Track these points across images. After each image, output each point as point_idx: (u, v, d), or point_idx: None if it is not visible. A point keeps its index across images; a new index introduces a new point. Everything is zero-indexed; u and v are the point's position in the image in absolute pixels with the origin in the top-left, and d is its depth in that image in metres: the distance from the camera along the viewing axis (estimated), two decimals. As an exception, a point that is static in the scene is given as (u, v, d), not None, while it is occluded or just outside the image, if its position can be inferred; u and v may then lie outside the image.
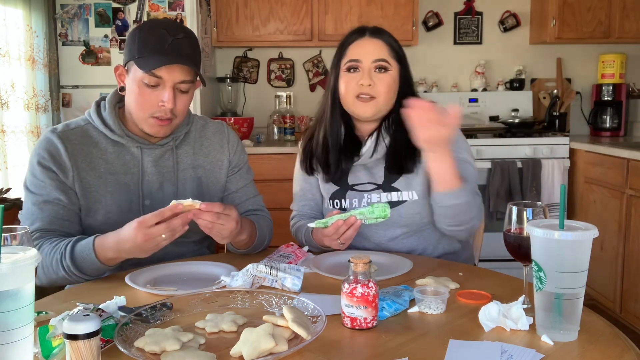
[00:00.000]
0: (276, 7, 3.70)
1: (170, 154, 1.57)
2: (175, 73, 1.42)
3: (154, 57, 1.40)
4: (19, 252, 0.87)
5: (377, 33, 1.64)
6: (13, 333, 0.83)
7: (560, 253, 0.97)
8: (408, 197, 1.62)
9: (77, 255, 1.34)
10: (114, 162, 1.52)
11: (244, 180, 1.69)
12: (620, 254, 3.05)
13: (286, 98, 4.04)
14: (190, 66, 1.44)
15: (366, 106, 1.60)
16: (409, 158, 1.63)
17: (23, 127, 3.10)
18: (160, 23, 1.47)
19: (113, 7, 3.34)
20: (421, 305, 1.14)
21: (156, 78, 1.42)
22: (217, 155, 1.64)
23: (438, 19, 4.03)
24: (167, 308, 1.12)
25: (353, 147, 1.68)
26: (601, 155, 3.23)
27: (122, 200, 1.51)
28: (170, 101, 1.43)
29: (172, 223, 1.25)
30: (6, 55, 2.95)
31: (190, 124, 1.62)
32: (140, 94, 1.44)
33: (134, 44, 1.43)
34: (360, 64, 1.60)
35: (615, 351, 0.97)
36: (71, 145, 1.49)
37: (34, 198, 1.45)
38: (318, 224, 1.43)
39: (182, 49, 1.43)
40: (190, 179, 1.59)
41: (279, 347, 0.93)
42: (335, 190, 1.70)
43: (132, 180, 1.52)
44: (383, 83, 1.60)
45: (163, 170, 1.56)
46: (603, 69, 3.89)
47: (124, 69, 1.49)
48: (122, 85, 1.50)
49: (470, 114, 3.97)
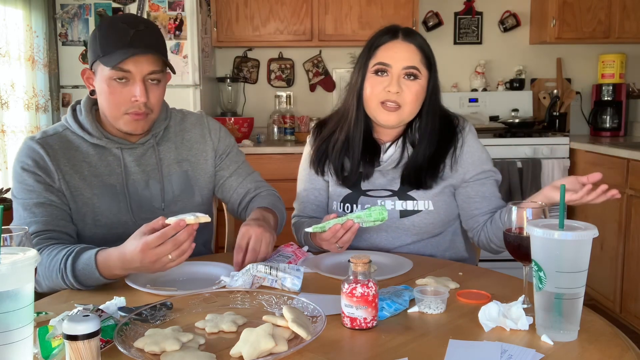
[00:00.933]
0: (276, 7, 3.70)
1: (152, 151, 1.55)
2: (143, 65, 1.41)
3: (118, 52, 1.38)
4: (19, 253, 0.87)
5: (409, 36, 1.56)
6: (13, 333, 0.83)
7: (560, 253, 0.97)
8: (424, 206, 1.59)
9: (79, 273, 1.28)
10: (97, 165, 1.50)
11: (235, 164, 1.68)
12: (620, 254, 3.05)
13: (286, 98, 4.04)
14: (156, 54, 1.42)
15: (390, 115, 1.54)
16: (430, 173, 1.59)
17: (23, 127, 3.09)
18: (119, 18, 1.46)
19: (113, 7, 3.34)
20: (421, 305, 1.14)
21: (124, 72, 1.40)
22: (200, 146, 1.63)
23: (438, 19, 4.03)
24: (167, 308, 1.12)
25: (371, 151, 1.62)
26: (601, 155, 3.23)
27: (110, 202, 1.49)
28: (142, 95, 1.41)
29: (178, 239, 1.18)
30: (6, 55, 2.95)
31: (168, 119, 1.60)
32: (111, 93, 1.42)
33: (96, 44, 1.42)
34: (389, 68, 1.53)
35: (615, 351, 0.97)
36: (52, 150, 1.47)
37: (24, 203, 1.42)
38: (315, 229, 1.41)
39: (145, 39, 1.41)
40: (176, 174, 1.58)
41: (279, 347, 0.93)
42: (348, 194, 1.65)
43: (117, 180, 1.51)
44: (411, 92, 1.53)
45: (147, 168, 1.54)
46: (603, 69, 3.89)
47: (91, 71, 1.47)
48: (92, 89, 1.49)
49: (470, 114, 3.97)
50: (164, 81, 1.50)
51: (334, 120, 1.69)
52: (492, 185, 1.64)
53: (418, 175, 1.59)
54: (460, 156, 1.61)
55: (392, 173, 1.63)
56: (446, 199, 1.62)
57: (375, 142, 1.64)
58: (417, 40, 1.57)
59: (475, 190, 1.61)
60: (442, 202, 1.60)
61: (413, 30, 1.61)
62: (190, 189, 1.59)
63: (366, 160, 1.62)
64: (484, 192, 1.61)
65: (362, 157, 1.62)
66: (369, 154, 1.62)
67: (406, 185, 1.61)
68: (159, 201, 1.55)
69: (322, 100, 4.11)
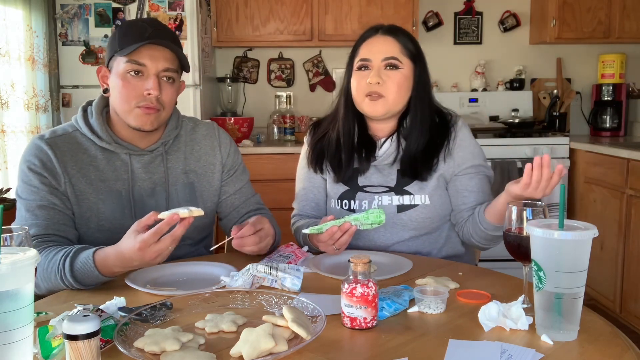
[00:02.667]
0: (276, 7, 3.70)
1: (161, 159, 1.55)
2: (159, 60, 1.43)
3: (135, 45, 1.41)
4: (19, 253, 0.87)
5: (390, 31, 1.61)
6: (13, 333, 0.83)
7: (560, 253, 0.97)
8: (420, 201, 1.61)
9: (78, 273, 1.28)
10: (105, 169, 1.50)
11: (240, 182, 1.68)
12: (620, 254, 3.05)
13: (286, 98, 4.04)
14: (172, 49, 1.44)
15: (375, 105, 1.58)
16: (425, 165, 1.61)
17: (23, 127, 3.10)
18: (140, 19, 1.48)
19: (113, 7, 3.34)
20: (421, 305, 1.14)
21: (139, 65, 1.42)
22: (209, 159, 1.63)
23: (438, 19, 4.03)
24: (167, 308, 1.12)
25: (367, 147, 1.66)
26: (601, 155, 3.23)
27: (115, 207, 1.49)
28: (155, 88, 1.42)
29: (176, 234, 1.20)
30: (6, 55, 2.95)
31: (179, 128, 1.60)
32: (125, 86, 1.43)
33: (114, 41, 1.45)
34: (370, 62, 1.58)
35: (615, 351, 0.97)
36: (60, 152, 1.46)
37: (27, 204, 1.43)
38: (312, 230, 1.41)
39: (163, 36, 1.44)
40: (182, 185, 1.57)
41: (279, 347, 0.93)
42: (345, 191, 1.67)
43: (123, 186, 1.50)
44: (392, 81, 1.57)
45: (154, 176, 1.54)
46: (603, 69, 3.89)
47: (107, 69, 1.49)
48: (105, 87, 1.50)
49: (470, 114, 3.97)
50: (178, 83, 1.51)
51: (328, 120, 1.74)
52: (481, 180, 1.64)
53: (413, 166, 1.62)
54: (453, 148, 1.63)
55: (388, 169, 1.65)
56: (442, 192, 1.64)
57: (370, 139, 1.67)
58: (397, 34, 1.61)
59: (464, 184, 1.63)
60: (438, 195, 1.62)
61: (396, 26, 1.64)
62: (195, 200, 1.58)
63: (362, 156, 1.66)
64: (472, 186, 1.63)
65: (358, 154, 1.66)
66: (365, 149, 1.66)
67: (403, 178, 1.63)
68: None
69: (322, 100, 4.11)
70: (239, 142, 3.58)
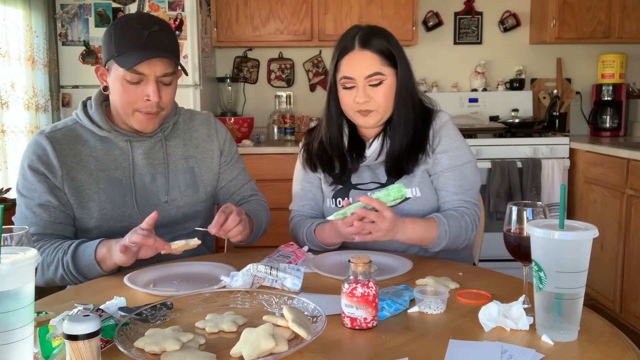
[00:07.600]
0: (276, 7, 3.70)
1: (160, 146, 1.59)
2: (157, 67, 1.44)
3: (133, 54, 1.41)
4: (19, 253, 0.87)
5: (365, 43, 1.57)
6: (13, 333, 0.83)
7: (560, 253, 0.97)
8: (411, 194, 1.64)
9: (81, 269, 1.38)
10: (104, 159, 1.53)
11: (237, 169, 1.74)
12: (620, 254, 3.05)
13: (286, 98, 4.04)
14: (171, 58, 1.45)
15: (367, 118, 1.62)
16: (410, 160, 1.63)
17: (23, 127, 3.10)
18: (134, 17, 1.47)
19: (113, 7, 3.34)
20: (421, 305, 1.14)
21: (138, 75, 1.43)
22: (207, 145, 1.68)
23: (438, 19, 4.03)
24: (167, 308, 1.12)
25: (357, 147, 1.69)
26: (601, 155, 3.23)
27: (116, 195, 1.52)
28: (155, 95, 1.45)
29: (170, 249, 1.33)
30: (6, 55, 2.95)
31: (177, 115, 1.64)
32: (124, 91, 1.45)
33: (111, 43, 1.44)
34: (354, 80, 1.58)
35: (615, 351, 0.97)
36: (59, 145, 1.49)
37: (26, 202, 1.46)
38: (337, 216, 1.40)
39: (159, 42, 1.44)
40: (182, 170, 1.61)
41: (279, 347, 0.93)
42: (339, 189, 1.71)
43: (123, 174, 1.54)
44: (379, 96, 1.59)
45: (154, 162, 1.57)
46: (603, 69, 3.89)
47: (105, 68, 1.50)
48: (105, 84, 1.51)
49: (470, 114, 3.97)
50: (176, 79, 1.53)
51: (318, 128, 1.78)
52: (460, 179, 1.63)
53: (397, 164, 1.64)
54: (436, 145, 1.65)
55: (378, 167, 1.69)
56: (430, 184, 1.66)
57: (360, 139, 1.71)
58: (373, 44, 1.58)
59: (444, 183, 1.64)
60: (427, 187, 1.64)
61: (371, 31, 1.60)
62: (196, 185, 1.63)
63: (352, 156, 1.69)
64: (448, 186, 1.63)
65: (349, 154, 1.69)
66: (355, 149, 1.69)
67: (391, 176, 1.66)
68: (164, 195, 1.57)
69: (322, 100, 4.02)
70: (239, 142, 3.58)
